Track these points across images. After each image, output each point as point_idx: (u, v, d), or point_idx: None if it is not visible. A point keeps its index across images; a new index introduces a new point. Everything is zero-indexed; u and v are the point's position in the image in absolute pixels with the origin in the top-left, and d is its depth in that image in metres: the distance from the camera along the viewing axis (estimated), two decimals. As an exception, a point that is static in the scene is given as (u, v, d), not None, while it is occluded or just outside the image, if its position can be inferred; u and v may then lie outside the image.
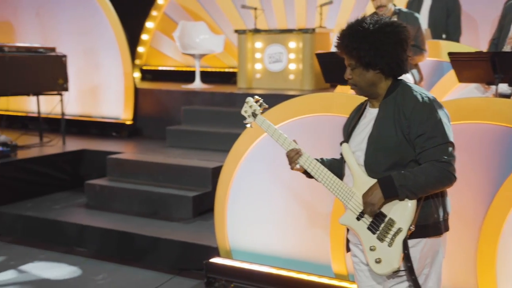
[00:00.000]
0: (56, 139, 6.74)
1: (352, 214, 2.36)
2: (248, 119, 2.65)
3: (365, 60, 2.25)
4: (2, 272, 4.39)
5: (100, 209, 5.40)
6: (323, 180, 2.42)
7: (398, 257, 2.26)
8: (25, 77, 6.18)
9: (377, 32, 2.24)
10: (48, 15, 8.00)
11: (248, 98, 2.68)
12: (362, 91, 2.36)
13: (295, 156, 2.45)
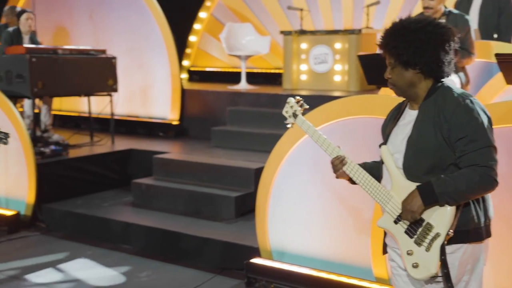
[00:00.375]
0: (105, 138, 6.93)
1: (389, 217, 2.34)
2: (289, 119, 2.67)
3: (404, 58, 2.23)
4: (51, 267, 4.55)
5: (146, 207, 5.53)
6: (364, 184, 2.40)
7: (436, 263, 2.23)
8: (77, 78, 6.38)
9: (418, 31, 2.22)
10: (100, 18, 8.23)
11: (289, 99, 2.70)
12: (401, 91, 2.33)
13: (339, 165, 2.44)
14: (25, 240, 5.21)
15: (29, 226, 5.50)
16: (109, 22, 8.13)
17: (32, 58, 5.88)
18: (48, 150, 5.85)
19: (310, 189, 4.06)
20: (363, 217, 3.82)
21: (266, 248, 4.28)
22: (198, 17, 9.33)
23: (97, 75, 6.61)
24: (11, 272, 4.43)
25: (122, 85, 7.62)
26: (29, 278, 4.33)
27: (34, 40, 6.91)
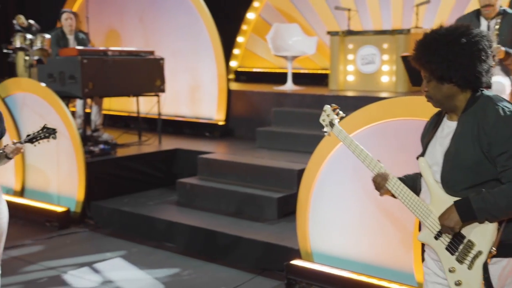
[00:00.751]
0: (153, 138, 7.08)
1: (430, 232, 2.27)
2: (326, 128, 2.62)
3: (438, 73, 2.16)
4: (97, 263, 4.69)
5: (190, 206, 5.61)
6: (405, 200, 2.34)
7: (479, 281, 2.16)
8: (126, 79, 6.54)
9: (451, 43, 2.13)
10: (150, 21, 8.41)
11: (325, 106, 2.65)
12: (439, 104, 2.26)
13: (381, 182, 2.37)
14: (75, 236, 5.39)
15: (79, 223, 5.68)
16: (159, 24, 8.29)
17: (83, 60, 6.06)
18: (97, 149, 6.02)
19: (352, 191, 4.02)
20: (405, 222, 3.75)
21: (306, 250, 4.27)
22: (246, 18, 9.39)
23: (145, 76, 6.75)
24: (59, 267, 4.59)
25: (170, 85, 7.76)
26: (76, 273, 4.48)
27: (80, 40, 7.11)
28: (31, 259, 4.74)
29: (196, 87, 7.91)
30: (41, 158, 6.00)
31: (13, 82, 6.22)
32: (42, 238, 5.29)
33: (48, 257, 4.80)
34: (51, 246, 5.08)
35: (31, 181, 6.11)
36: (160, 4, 8.26)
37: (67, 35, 6.99)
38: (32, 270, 4.54)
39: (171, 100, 7.84)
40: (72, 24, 7.00)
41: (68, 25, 6.97)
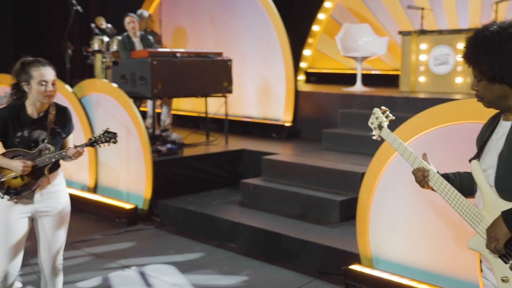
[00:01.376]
0: (220, 138, 7.17)
1: (481, 239, 2.15)
2: (374, 131, 2.57)
3: (489, 74, 2.03)
4: (160, 261, 4.80)
5: (252, 207, 5.64)
6: (452, 201, 2.24)
7: None
8: (194, 80, 6.67)
9: (503, 41, 1.99)
10: (220, 22, 8.53)
11: (374, 109, 2.61)
12: (490, 104, 2.13)
13: (420, 177, 2.30)
14: (141, 233, 5.55)
15: (146, 220, 5.85)
16: (229, 26, 8.40)
17: (153, 61, 6.24)
18: (164, 148, 6.18)
19: (414, 197, 3.89)
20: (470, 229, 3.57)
21: (366, 255, 4.17)
22: (317, 18, 9.32)
23: (213, 77, 6.85)
24: (123, 261, 4.74)
25: (238, 86, 7.85)
26: (139, 269, 4.61)
27: (146, 41, 7.29)
28: (97, 253, 4.93)
29: (264, 88, 7.94)
30: (113, 157, 6.24)
31: (88, 83, 6.50)
32: (110, 233, 5.49)
33: (113, 252, 4.98)
34: (118, 242, 5.26)
35: (103, 178, 6.36)
36: (230, 6, 8.36)
37: (132, 38, 7.21)
38: (97, 263, 4.72)
39: (240, 100, 7.92)
40: (135, 27, 7.20)
41: (131, 28, 7.18)
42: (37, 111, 3.17)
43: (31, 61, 3.12)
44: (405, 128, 3.97)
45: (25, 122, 3.14)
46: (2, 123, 3.10)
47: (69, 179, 6.61)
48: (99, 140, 3.21)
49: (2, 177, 3.11)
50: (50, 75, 3.12)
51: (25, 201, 3.14)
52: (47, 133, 3.16)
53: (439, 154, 3.78)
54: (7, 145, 3.14)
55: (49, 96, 3.12)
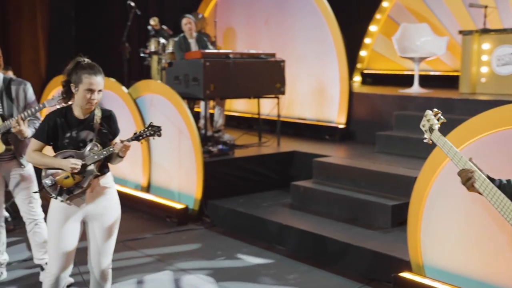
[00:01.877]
0: (272, 139, 7.13)
1: None
2: (426, 134, 2.54)
3: None
4: (207, 261, 4.81)
5: (302, 210, 5.56)
6: (497, 204, 2.13)
7: None
8: (247, 81, 6.66)
9: None
10: (275, 23, 8.50)
11: (426, 112, 2.57)
12: None
13: (465, 178, 2.27)
14: (191, 233, 5.59)
15: (196, 220, 5.89)
16: (283, 27, 8.35)
17: (206, 62, 6.28)
18: (215, 149, 6.20)
19: (469, 204, 3.71)
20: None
21: (417, 263, 4.02)
22: (375, 18, 9.12)
23: (265, 78, 6.83)
24: (172, 262, 4.78)
25: (292, 87, 7.80)
26: (187, 269, 4.63)
27: (202, 42, 7.35)
28: (146, 252, 5.00)
29: (318, 89, 7.84)
30: (165, 157, 6.32)
31: (143, 84, 6.62)
32: (161, 232, 5.56)
33: (162, 251, 5.03)
34: (167, 241, 5.32)
35: (156, 178, 6.46)
36: (285, 7, 8.31)
37: (188, 39, 7.29)
38: (145, 262, 4.78)
39: (293, 102, 7.85)
40: (192, 28, 7.28)
41: (187, 30, 7.27)
42: (83, 113, 3.23)
43: (84, 66, 3.14)
44: (461, 130, 3.81)
45: (73, 123, 3.20)
46: (52, 124, 3.18)
47: (123, 179, 6.77)
48: (144, 134, 3.24)
49: (54, 178, 3.18)
50: (99, 84, 3.16)
51: (77, 202, 3.19)
52: (94, 133, 3.21)
53: (498, 159, 3.60)
54: (58, 147, 3.22)
55: (91, 103, 3.17)
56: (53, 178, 3.19)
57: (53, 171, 3.19)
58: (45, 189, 3.21)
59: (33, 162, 3.25)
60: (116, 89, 6.82)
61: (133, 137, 3.23)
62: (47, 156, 3.20)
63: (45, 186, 3.20)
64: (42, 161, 3.19)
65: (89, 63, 3.19)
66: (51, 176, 3.19)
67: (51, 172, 3.20)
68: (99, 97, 3.20)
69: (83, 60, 3.20)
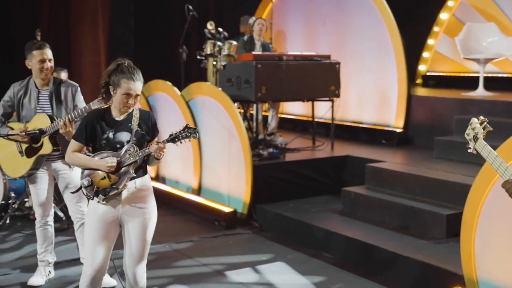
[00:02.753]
0: (326, 143, 6.95)
1: None
2: (470, 143, 2.40)
3: None
4: (251, 267, 4.72)
5: (352, 217, 5.37)
6: None
7: None
8: (300, 84, 6.52)
9: None
10: (332, 24, 8.31)
11: (472, 119, 2.41)
12: None
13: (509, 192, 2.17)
14: (238, 237, 5.51)
15: (245, 224, 5.81)
16: (341, 28, 8.15)
17: (258, 65, 6.20)
18: (265, 152, 6.10)
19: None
20: None
21: (471, 278, 3.75)
22: (439, 18, 8.74)
23: (320, 81, 6.67)
24: (216, 266, 4.72)
25: (349, 89, 7.59)
26: (230, 274, 4.56)
27: (266, 46, 7.30)
28: (190, 255, 4.96)
29: (375, 91, 7.59)
30: (216, 159, 6.29)
31: (196, 86, 6.62)
32: (208, 236, 5.51)
33: (207, 254, 4.97)
34: (214, 245, 5.26)
35: (207, 180, 6.43)
36: (343, 8, 8.11)
37: (255, 40, 7.25)
38: (188, 265, 4.75)
39: (349, 104, 7.64)
40: (262, 30, 7.27)
41: (258, 30, 7.24)
42: (121, 114, 3.22)
43: (124, 70, 3.12)
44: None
45: (110, 124, 3.20)
46: (90, 126, 3.19)
47: (176, 181, 6.81)
48: (180, 136, 3.18)
49: (91, 179, 3.18)
50: (137, 89, 3.14)
51: (113, 203, 3.18)
52: (131, 135, 3.19)
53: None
54: (95, 148, 3.22)
55: (128, 107, 3.16)
56: (90, 178, 3.20)
57: (90, 172, 3.19)
58: (82, 190, 3.22)
59: (71, 163, 3.27)
60: (169, 91, 6.87)
61: (168, 139, 3.19)
62: (85, 157, 3.21)
63: (82, 186, 3.21)
64: (79, 161, 3.21)
65: (129, 67, 3.17)
66: (88, 177, 3.20)
67: (88, 173, 3.21)
68: (136, 102, 3.18)
69: (124, 63, 3.18)
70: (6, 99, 4.09)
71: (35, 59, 3.99)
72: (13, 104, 4.08)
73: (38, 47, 3.99)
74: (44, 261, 4.32)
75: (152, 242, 3.38)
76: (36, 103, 4.05)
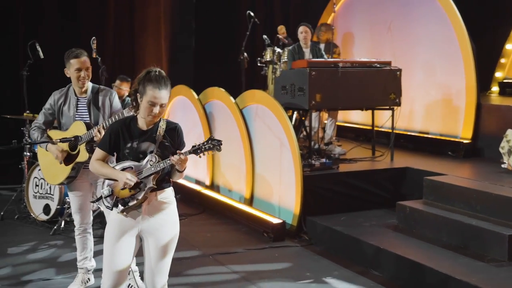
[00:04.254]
0: (387, 154, 6.59)
1: None
2: (504, 157, 2.06)
3: None
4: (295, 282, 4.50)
5: (406, 233, 5.02)
6: None
7: None
8: (357, 91, 6.24)
9: None
10: (397, 30, 7.94)
11: (508, 131, 2.08)
12: None
13: None
14: (284, 250, 5.29)
15: (294, 237, 5.59)
16: (406, 33, 7.75)
17: (311, 72, 5.99)
18: (317, 162, 5.86)
19: None
20: None
21: (529, 307, 3.35)
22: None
23: (379, 88, 6.34)
24: (255, 280, 4.53)
25: (412, 97, 7.22)
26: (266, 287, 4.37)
27: (317, 52, 7.06)
28: (233, 267, 4.80)
29: (441, 100, 7.13)
30: (268, 169, 6.12)
31: (249, 94, 6.50)
32: (253, 248, 5.34)
33: (248, 268, 4.79)
34: (258, 258, 5.08)
35: (259, 190, 6.27)
36: (410, 12, 7.71)
37: (303, 48, 7.05)
38: (229, 278, 4.59)
39: (412, 113, 7.24)
40: (307, 37, 7.06)
41: (302, 38, 7.06)
42: (147, 124, 3.13)
43: (151, 79, 3.03)
44: None
45: (135, 133, 3.12)
46: (115, 135, 3.12)
47: (229, 189, 6.71)
48: (203, 147, 3.05)
49: (112, 188, 3.12)
50: (162, 98, 3.05)
51: (133, 214, 3.10)
52: (155, 145, 3.10)
53: None
54: (119, 158, 3.16)
55: (153, 116, 3.07)
56: (110, 188, 3.13)
57: (111, 181, 3.13)
58: (102, 200, 3.16)
59: (93, 171, 3.21)
60: (224, 99, 6.80)
61: (191, 150, 3.06)
62: (107, 166, 3.14)
63: (102, 195, 3.15)
64: (101, 170, 3.15)
65: (157, 75, 3.07)
66: (109, 186, 3.14)
67: (110, 182, 3.15)
68: (160, 112, 3.09)
69: (154, 71, 3.10)
70: (47, 107, 4.14)
71: (73, 67, 4.01)
72: (54, 112, 4.12)
73: (75, 55, 4.01)
74: (83, 268, 4.33)
75: (195, 251, 3.25)
76: (75, 110, 4.08)
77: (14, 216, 6.25)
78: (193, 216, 6.40)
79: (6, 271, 4.74)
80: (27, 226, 6.00)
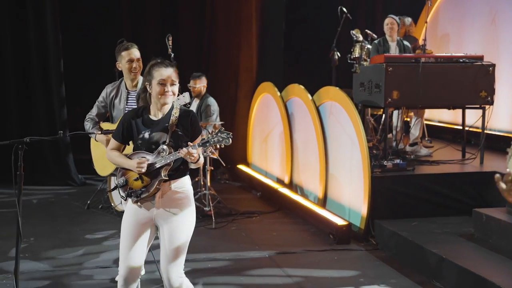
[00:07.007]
0: (477, 156, 6.03)
1: None
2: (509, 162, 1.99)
3: None
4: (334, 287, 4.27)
5: (481, 243, 4.55)
6: None
7: None
8: (441, 88, 5.77)
9: None
10: (502, 22, 7.24)
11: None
12: None
13: None
14: (345, 254, 5.03)
15: (361, 240, 5.31)
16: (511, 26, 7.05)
17: (388, 67, 5.65)
18: (390, 163, 5.50)
19: None
20: None
21: None
22: None
23: (467, 85, 5.83)
24: (304, 284, 4.36)
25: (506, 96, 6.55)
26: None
27: (403, 46, 6.66)
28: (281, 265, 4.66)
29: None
30: (340, 169, 5.88)
31: (325, 91, 6.29)
32: (314, 249, 5.14)
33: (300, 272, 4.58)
34: (315, 260, 4.88)
35: (332, 191, 6.05)
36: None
37: (388, 42, 6.69)
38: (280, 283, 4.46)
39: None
40: (393, 29, 6.67)
41: (387, 29, 6.70)
42: (160, 111, 3.13)
43: (155, 64, 3.09)
44: None
45: (147, 123, 3.12)
46: (127, 124, 3.15)
47: (306, 188, 6.55)
48: (211, 140, 2.97)
49: (126, 178, 3.15)
50: (170, 75, 3.05)
51: (147, 205, 3.11)
52: (167, 135, 3.08)
53: None
54: (134, 148, 3.18)
55: (165, 95, 3.05)
56: (125, 178, 3.16)
57: (125, 171, 3.16)
58: (117, 189, 3.20)
59: (110, 160, 3.25)
60: (302, 96, 6.66)
61: (199, 143, 3.00)
62: (121, 156, 3.18)
63: (117, 185, 3.19)
64: (115, 160, 3.19)
65: (159, 60, 3.12)
66: (123, 176, 3.17)
67: (123, 172, 3.18)
68: (173, 90, 3.07)
69: (155, 59, 3.14)
70: (100, 100, 4.29)
71: (124, 59, 4.11)
72: (106, 105, 4.26)
73: (125, 48, 4.11)
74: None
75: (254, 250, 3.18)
76: (125, 103, 4.18)
77: (99, 205, 6.61)
78: (266, 214, 6.32)
79: (72, 256, 5.00)
80: (107, 215, 6.32)
